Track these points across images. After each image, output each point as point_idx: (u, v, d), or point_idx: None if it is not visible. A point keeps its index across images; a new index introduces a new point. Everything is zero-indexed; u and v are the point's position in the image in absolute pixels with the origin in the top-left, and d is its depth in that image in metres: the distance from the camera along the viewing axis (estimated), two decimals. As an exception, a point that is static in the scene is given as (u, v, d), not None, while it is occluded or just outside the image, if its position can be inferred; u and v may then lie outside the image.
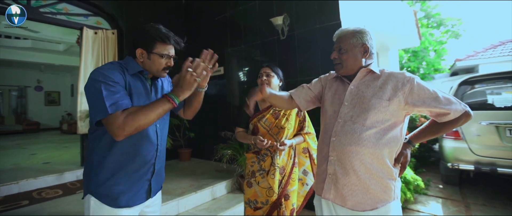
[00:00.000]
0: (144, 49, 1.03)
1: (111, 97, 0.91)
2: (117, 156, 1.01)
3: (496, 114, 2.82)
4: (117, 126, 0.88)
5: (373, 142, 1.00)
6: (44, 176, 2.94)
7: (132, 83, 1.03)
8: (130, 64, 1.05)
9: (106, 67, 0.99)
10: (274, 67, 1.68)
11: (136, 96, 1.02)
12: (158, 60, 1.05)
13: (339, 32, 1.14)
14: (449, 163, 3.00)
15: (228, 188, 2.89)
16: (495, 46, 8.47)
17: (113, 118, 0.88)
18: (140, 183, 1.08)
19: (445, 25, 10.66)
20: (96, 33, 3.28)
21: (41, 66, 8.97)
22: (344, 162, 1.04)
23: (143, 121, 0.90)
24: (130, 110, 0.91)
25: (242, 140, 1.74)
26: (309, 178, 1.78)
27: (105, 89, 0.90)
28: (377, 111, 1.00)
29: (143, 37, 1.04)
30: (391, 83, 1.02)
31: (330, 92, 1.19)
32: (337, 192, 1.06)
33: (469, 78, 3.29)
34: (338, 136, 1.06)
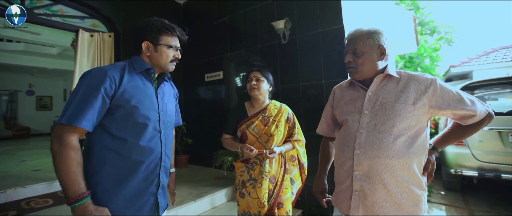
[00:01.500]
0: (150, 41, 1.01)
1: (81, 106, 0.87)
2: (115, 166, 0.92)
3: (497, 120, 2.81)
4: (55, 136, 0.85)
5: (403, 152, 0.92)
6: (34, 185, 2.79)
7: (134, 84, 0.96)
8: (137, 62, 1.01)
9: (104, 68, 0.94)
10: (264, 71, 1.62)
11: (140, 98, 0.96)
12: (166, 51, 1.03)
13: (353, 33, 1.05)
14: (452, 169, 2.97)
15: (228, 196, 2.79)
16: (488, 52, 8.66)
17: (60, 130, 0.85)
18: (144, 198, 0.97)
19: (439, 32, 10.87)
20: (92, 35, 3.19)
21: (33, 70, 8.77)
22: (372, 177, 0.95)
23: (59, 164, 0.84)
24: (74, 145, 0.86)
25: (229, 148, 1.65)
26: (295, 187, 1.70)
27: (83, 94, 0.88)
28: (403, 117, 0.93)
29: (149, 29, 1.01)
30: (413, 86, 0.96)
31: (342, 101, 1.13)
32: (367, 210, 0.96)
33: (470, 84, 3.30)
34: (363, 148, 0.97)
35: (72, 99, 0.88)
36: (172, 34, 1.04)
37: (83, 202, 0.83)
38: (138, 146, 0.94)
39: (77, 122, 0.84)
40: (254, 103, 1.65)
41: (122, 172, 0.93)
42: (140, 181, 0.96)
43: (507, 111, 2.99)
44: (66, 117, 0.85)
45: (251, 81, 1.60)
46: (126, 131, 0.93)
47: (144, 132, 0.96)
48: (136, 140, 0.94)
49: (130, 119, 0.93)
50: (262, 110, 1.62)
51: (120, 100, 0.91)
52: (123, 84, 0.92)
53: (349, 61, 1.04)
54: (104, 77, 0.89)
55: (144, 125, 0.96)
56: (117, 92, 0.91)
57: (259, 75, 1.60)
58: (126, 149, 0.92)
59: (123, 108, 0.92)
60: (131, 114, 0.93)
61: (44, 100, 10.37)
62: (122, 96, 0.92)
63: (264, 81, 1.60)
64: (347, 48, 1.05)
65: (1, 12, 2.61)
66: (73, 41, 3.37)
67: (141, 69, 0.99)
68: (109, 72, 0.91)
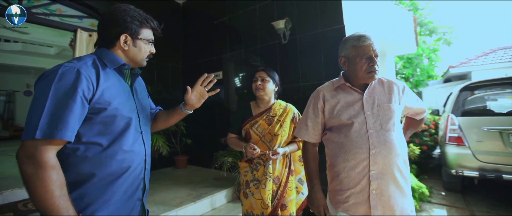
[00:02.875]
0: (129, 35, 0.89)
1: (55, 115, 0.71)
2: (101, 175, 0.81)
3: (498, 120, 2.81)
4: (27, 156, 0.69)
5: (403, 146, 1.07)
6: (31, 186, 2.76)
7: (111, 83, 0.84)
8: (108, 56, 0.87)
9: (74, 66, 0.77)
10: (269, 71, 1.61)
11: (118, 99, 0.85)
12: (144, 47, 0.94)
13: (371, 37, 1.10)
14: (452, 170, 2.96)
15: (228, 197, 2.77)
16: (487, 53, 8.70)
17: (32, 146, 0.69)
18: (130, 205, 0.88)
19: (437, 33, 10.91)
20: (90, 35, 3.16)
21: (31, 70, 8.70)
22: (386, 173, 1.03)
23: (37, 189, 0.67)
24: (54, 163, 0.71)
25: (234, 147, 1.66)
26: (305, 187, 1.68)
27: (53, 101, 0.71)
28: (397, 115, 1.08)
29: (130, 20, 0.89)
30: (395, 89, 1.13)
31: (338, 105, 1.13)
32: (385, 207, 1.03)
33: (470, 84, 3.29)
34: (378, 147, 1.03)
35: (39, 106, 0.70)
36: (151, 27, 0.96)
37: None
38: (122, 152, 0.84)
39: (58, 134, 0.69)
40: (259, 102, 1.65)
41: (108, 181, 0.82)
42: (127, 188, 0.87)
43: (507, 112, 2.99)
44: (41, 129, 0.68)
45: (256, 81, 1.59)
46: (108, 136, 0.82)
47: (127, 135, 0.86)
48: (120, 145, 0.84)
49: (112, 123, 0.82)
50: (266, 110, 1.61)
51: (99, 103, 0.79)
52: (100, 85, 0.79)
53: (376, 64, 1.07)
54: (79, 78, 0.75)
55: (126, 127, 0.86)
56: (95, 94, 0.78)
57: (265, 75, 1.59)
58: (109, 157, 0.81)
59: (104, 111, 0.80)
60: (113, 117, 0.82)
61: (42, 101, 10.31)
62: (101, 99, 0.79)
63: (269, 81, 1.59)
64: (374, 53, 1.07)
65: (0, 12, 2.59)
66: (71, 41, 3.35)
67: (115, 66, 0.87)
68: (83, 72, 0.76)
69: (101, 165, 0.80)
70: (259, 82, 1.58)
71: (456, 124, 2.99)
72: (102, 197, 0.81)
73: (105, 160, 0.81)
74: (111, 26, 0.88)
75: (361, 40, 1.07)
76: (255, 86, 1.59)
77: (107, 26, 0.89)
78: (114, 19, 0.88)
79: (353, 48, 1.09)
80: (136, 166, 0.89)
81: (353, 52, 1.09)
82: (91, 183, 0.79)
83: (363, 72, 1.07)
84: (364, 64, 1.06)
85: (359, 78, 1.10)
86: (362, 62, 1.07)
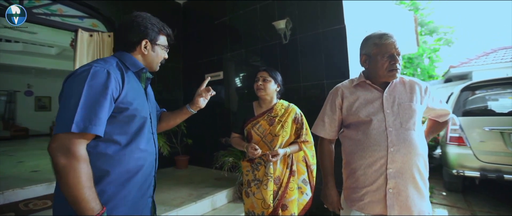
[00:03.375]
0: (150, 40, 0.97)
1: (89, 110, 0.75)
2: (118, 173, 0.84)
3: (499, 120, 2.81)
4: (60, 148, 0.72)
5: (423, 146, 1.05)
6: (32, 186, 2.76)
7: (132, 85, 0.90)
8: (130, 60, 0.93)
9: (103, 67, 0.82)
10: (271, 71, 1.60)
11: (137, 101, 0.90)
12: (160, 52, 1.02)
13: (393, 35, 1.09)
14: (453, 170, 2.96)
15: (229, 197, 2.76)
16: (487, 53, 8.67)
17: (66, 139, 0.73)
18: (144, 202, 0.93)
19: (438, 33, 10.91)
20: (91, 35, 3.17)
21: (32, 70, 8.72)
22: (404, 172, 1.01)
23: (71, 180, 0.71)
24: (86, 156, 0.75)
25: (236, 147, 1.66)
26: (309, 188, 1.67)
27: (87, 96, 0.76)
28: (418, 115, 1.06)
29: (150, 27, 0.96)
30: (417, 88, 1.11)
31: (357, 102, 1.12)
32: (402, 207, 1.01)
33: (471, 84, 3.28)
34: (397, 146, 1.01)
35: (73, 102, 0.75)
36: (166, 34, 1.03)
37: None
38: (138, 150, 0.89)
39: (92, 129, 0.74)
40: (261, 102, 1.65)
41: (125, 178, 0.86)
42: (141, 185, 0.91)
43: (508, 112, 2.98)
44: (76, 123, 0.72)
45: (257, 81, 1.59)
46: (126, 135, 0.87)
47: (142, 135, 0.91)
48: (136, 144, 0.89)
49: (131, 123, 0.88)
50: (268, 110, 1.61)
51: (123, 103, 0.84)
52: (125, 86, 0.85)
53: (398, 63, 1.06)
54: (109, 78, 0.80)
55: (142, 128, 0.92)
56: (120, 94, 0.83)
57: (266, 75, 1.58)
58: (126, 155, 0.86)
59: (126, 111, 0.85)
60: (133, 117, 0.88)
61: (43, 101, 10.33)
62: (125, 99, 0.85)
63: (271, 81, 1.58)
64: (396, 51, 1.06)
65: (0, 12, 2.59)
66: (72, 41, 3.35)
67: (136, 69, 0.93)
68: (112, 73, 0.82)
69: (119, 163, 0.84)
70: (260, 82, 1.58)
71: (457, 124, 2.98)
72: (120, 194, 0.84)
73: (123, 157, 0.85)
74: (133, 31, 0.94)
75: (384, 38, 1.07)
76: (256, 86, 1.59)
77: (128, 32, 0.95)
78: (136, 26, 0.94)
79: (375, 46, 1.08)
80: (149, 164, 0.94)
81: (374, 50, 1.08)
82: (110, 179, 0.82)
83: (384, 71, 1.07)
84: (385, 62, 1.06)
85: (380, 76, 1.09)
86: (383, 60, 1.06)
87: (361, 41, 1.20)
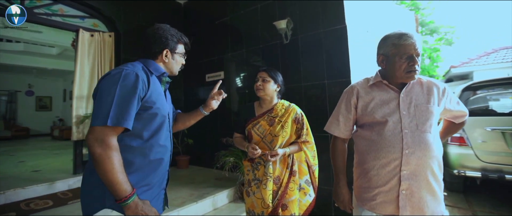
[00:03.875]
0: (170, 50, 1.09)
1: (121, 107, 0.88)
2: (140, 164, 0.95)
3: (500, 120, 2.80)
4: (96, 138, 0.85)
5: (439, 149, 1.04)
6: (33, 186, 2.76)
7: (155, 87, 1.01)
8: (153, 66, 1.06)
9: (133, 70, 0.93)
10: (271, 72, 1.60)
11: (159, 101, 1.01)
12: (180, 60, 1.15)
13: (416, 37, 1.06)
14: (455, 170, 2.95)
15: (230, 197, 2.77)
16: (489, 53, 8.66)
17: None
18: (158, 193, 1.04)
19: (439, 33, 10.89)
20: (92, 35, 3.17)
21: (33, 70, 8.73)
22: (419, 175, 1.00)
23: (106, 166, 0.84)
24: (117, 146, 0.88)
25: (239, 147, 1.67)
26: (312, 189, 1.65)
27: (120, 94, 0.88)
28: (435, 117, 1.05)
29: (170, 38, 1.09)
30: (435, 89, 1.09)
31: (373, 102, 1.11)
32: (414, 208, 1.00)
33: (472, 84, 3.28)
34: (412, 148, 1.00)
35: (108, 99, 0.87)
36: (184, 43, 1.17)
37: (134, 198, 0.87)
38: (158, 145, 1.00)
39: (124, 123, 0.86)
40: (261, 103, 1.66)
41: (147, 170, 0.97)
42: (159, 178, 1.02)
43: (509, 112, 2.97)
44: (111, 118, 0.85)
45: (257, 81, 1.60)
46: (148, 131, 0.98)
47: (161, 132, 1.02)
48: (157, 140, 1.00)
49: (153, 120, 0.99)
50: (268, 110, 1.61)
51: (148, 102, 0.96)
52: (150, 87, 0.97)
53: (417, 64, 1.04)
54: (138, 80, 0.92)
55: (162, 125, 1.03)
56: (146, 95, 0.95)
57: (265, 76, 1.58)
58: (148, 148, 0.97)
59: (150, 109, 0.96)
60: (155, 115, 0.99)
61: (43, 101, 10.34)
62: (149, 99, 0.96)
63: (270, 82, 1.58)
64: (415, 52, 1.03)
65: (1, 12, 2.59)
66: (73, 41, 3.36)
67: (158, 74, 1.05)
68: (140, 75, 0.94)
69: (141, 155, 0.96)
70: (259, 83, 1.58)
71: (458, 124, 2.97)
72: (141, 182, 0.95)
73: (145, 150, 0.96)
74: (155, 42, 1.07)
75: (403, 38, 1.03)
76: (256, 87, 1.59)
77: (152, 42, 1.07)
78: (158, 37, 1.07)
79: (393, 46, 1.05)
80: (166, 159, 1.06)
81: (393, 51, 1.06)
82: (133, 169, 0.93)
83: (402, 72, 1.04)
84: (403, 63, 1.03)
85: (398, 77, 1.07)
86: (401, 61, 1.03)
87: (362, 41, 1.19)
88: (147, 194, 0.97)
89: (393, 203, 1.02)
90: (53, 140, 8.17)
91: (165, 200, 1.10)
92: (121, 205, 0.85)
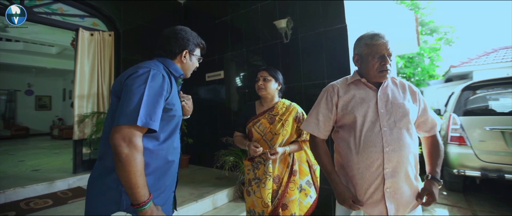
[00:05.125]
0: (189, 51, 1.09)
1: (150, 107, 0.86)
2: (155, 166, 0.93)
3: (499, 120, 2.80)
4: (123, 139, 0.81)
5: (415, 144, 1.07)
6: (33, 185, 2.76)
7: (174, 88, 1.01)
8: (173, 66, 1.05)
9: (159, 71, 0.92)
10: (272, 71, 1.61)
11: (177, 103, 1.01)
12: (195, 61, 1.15)
13: (386, 36, 1.08)
14: (454, 170, 2.95)
15: (230, 197, 2.77)
16: (488, 53, 8.67)
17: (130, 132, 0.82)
18: (168, 196, 1.02)
19: (439, 32, 10.87)
20: (92, 34, 3.17)
21: (33, 69, 8.72)
22: (399, 171, 1.02)
23: (131, 168, 0.80)
24: (142, 148, 0.85)
25: (239, 145, 1.68)
26: (313, 190, 1.65)
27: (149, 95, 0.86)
28: (412, 114, 1.07)
29: (191, 39, 1.10)
30: (408, 89, 1.14)
31: (353, 100, 1.11)
32: (399, 204, 1.03)
33: (472, 84, 3.28)
34: (391, 145, 1.02)
35: (137, 99, 0.84)
36: (202, 47, 1.17)
37: (150, 204, 0.84)
38: (172, 147, 0.99)
39: (152, 124, 0.84)
40: (263, 101, 1.67)
41: (160, 172, 0.95)
42: (170, 181, 1.01)
43: (509, 111, 2.98)
44: (140, 118, 0.82)
45: (258, 81, 1.60)
46: (165, 133, 0.96)
47: (176, 134, 1.02)
48: (171, 142, 0.99)
49: (171, 122, 0.98)
50: (269, 109, 1.61)
51: (169, 104, 0.94)
52: (172, 89, 0.97)
53: (388, 64, 1.06)
54: (164, 82, 0.91)
55: (176, 127, 1.03)
56: (169, 96, 0.94)
57: (266, 75, 1.59)
58: (163, 150, 0.95)
59: (170, 111, 0.95)
60: (173, 117, 0.98)
61: (43, 100, 10.33)
62: (171, 100, 0.95)
63: (271, 81, 1.59)
64: (387, 52, 1.06)
65: (1, 11, 2.59)
66: (73, 40, 3.36)
67: (177, 74, 1.05)
68: (166, 77, 0.93)
69: (157, 156, 0.93)
70: (260, 82, 1.59)
71: (458, 123, 2.98)
72: (155, 185, 0.92)
73: (161, 152, 0.94)
74: (178, 42, 1.06)
75: (375, 38, 1.06)
76: (257, 86, 1.60)
77: (172, 42, 1.06)
78: (180, 37, 1.07)
79: (366, 46, 1.08)
80: (177, 161, 1.05)
81: (366, 50, 1.08)
82: (149, 171, 0.90)
83: (375, 71, 1.07)
84: (376, 63, 1.06)
85: (371, 76, 1.09)
86: (374, 60, 1.06)
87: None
88: (160, 198, 0.94)
89: (380, 203, 1.03)
90: (52, 140, 8.16)
91: (174, 203, 1.09)
92: (138, 210, 0.82)
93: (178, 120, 1.02)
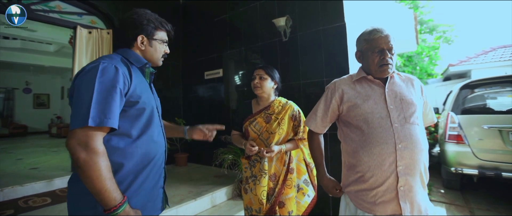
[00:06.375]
0: (145, 36, 0.98)
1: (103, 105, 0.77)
2: (131, 165, 0.86)
3: (497, 118, 2.82)
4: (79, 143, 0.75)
5: (425, 141, 1.03)
6: (31, 183, 2.75)
7: (139, 79, 0.92)
8: (133, 56, 0.96)
9: (111, 63, 0.83)
10: (268, 69, 1.61)
11: (145, 94, 0.92)
12: (160, 47, 1.03)
13: (385, 30, 1.06)
14: (452, 168, 2.97)
15: (228, 195, 2.77)
16: (487, 52, 8.68)
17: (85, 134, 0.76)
18: (156, 192, 0.97)
19: (437, 31, 10.89)
20: (90, 32, 3.15)
21: (31, 67, 8.67)
22: (413, 168, 0.98)
23: (93, 173, 0.74)
24: (104, 150, 0.78)
25: (236, 144, 1.68)
26: (311, 189, 1.64)
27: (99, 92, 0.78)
28: (420, 109, 1.06)
29: (144, 23, 0.97)
30: (415, 83, 1.13)
31: (359, 98, 1.08)
32: (413, 203, 0.99)
33: (470, 82, 3.29)
34: (404, 142, 0.99)
35: (86, 98, 0.77)
36: (165, 29, 1.05)
37: (125, 207, 0.79)
38: (149, 142, 0.92)
39: (108, 122, 0.77)
40: (259, 100, 1.66)
41: (137, 170, 0.89)
42: (153, 177, 0.95)
43: (507, 110, 2.99)
44: (92, 118, 0.74)
45: (254, 79, 1.60)
46: (137, 128, 0.89)
47: (152, 127, 0.95)
48: (147, 137, 0.91)
49: (141, 116, 0.90)
50: (265, 108, 1.61)
51: (132, 97, 0.87)
52: (132, 81, 0.88)
53: (389, 58, 1.04)
54: (117, 74, 0.82)
55: (151, 120, 0.95)
56: (129, 89, 0.86)
57: (262, 73, 1.59)
58: (138, 147, 0.88)
59: (136, 104, 0.88)
60: (142, 110, 0.91)
61: (41, 98, 10.28)
62: (134, 93, 0.87)
63: (267, 79, 1.59)
64: (386, 46, 1.04)
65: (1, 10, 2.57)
66: (71, 38, 3.34)
67: (140, 64, 0.96)
68: (120, 68, 0.84)
69: (132, 155, 0.87)
70: (256, 81, 1.58)
71: (456, 122, 3.00)
72: (134, 185, 0.87)
73: (135, 150, 0.88)
74: (129, 28, 0.97)
75: (373, 33, 1.05)
76: (253, 84, 1.60)
77: (125, 28, 0.97)
78: (131, 22, 0.97)
79: (366, 42, 1.08)
80: (159, 156, 0.97)
81: (365, 46, 1.08)
82: (124, 171, 0.85)
83: (375, 66, 1.05)
84: (376, 58, 1.04)
85: (373, 72, 1.08)
86: (374, 55, 1.05)
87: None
88: (143, 197, 0.89)
89: (393, 202, 0.98)
90: (51, 138, 8.14)
91: (164, 199, 1.04)
92: (110, 215, 0.77)
93: (150, 112, 0.94)
